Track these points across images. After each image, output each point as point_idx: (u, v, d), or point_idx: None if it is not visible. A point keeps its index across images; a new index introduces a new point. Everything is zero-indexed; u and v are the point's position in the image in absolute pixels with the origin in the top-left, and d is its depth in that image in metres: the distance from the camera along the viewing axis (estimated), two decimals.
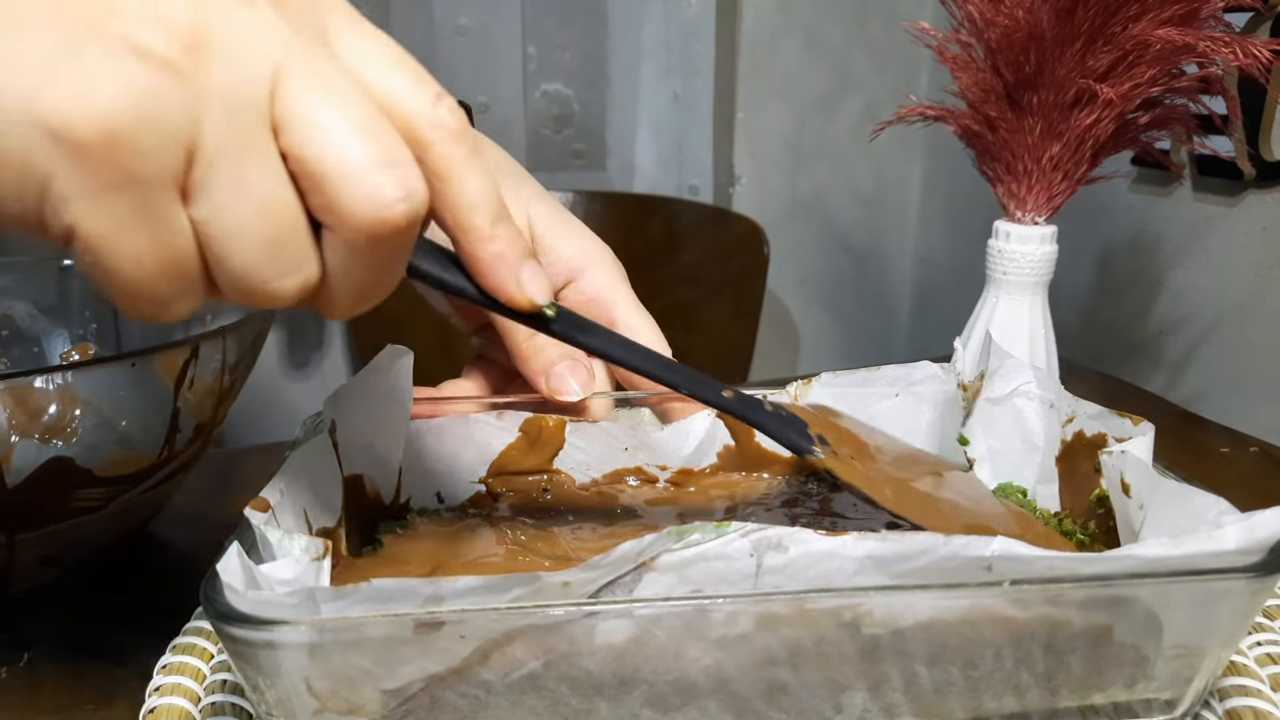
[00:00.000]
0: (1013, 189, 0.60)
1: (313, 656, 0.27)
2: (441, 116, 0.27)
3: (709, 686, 0.29)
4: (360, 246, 0.25)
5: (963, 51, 0.59)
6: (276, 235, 0.24)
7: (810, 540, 0.28)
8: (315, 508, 0.36)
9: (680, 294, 1.10)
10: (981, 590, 0.29)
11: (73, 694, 0.38)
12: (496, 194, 0.29)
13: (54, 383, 0.43)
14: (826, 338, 1.32)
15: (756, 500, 0.44)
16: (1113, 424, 0.40)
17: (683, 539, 0.28)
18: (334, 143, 0.24)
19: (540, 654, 0.28)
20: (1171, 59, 0.54)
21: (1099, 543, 0.40)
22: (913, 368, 0.47)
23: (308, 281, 0.25)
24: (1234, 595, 0.30)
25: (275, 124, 0.24)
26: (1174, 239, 0.86)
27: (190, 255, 0.24)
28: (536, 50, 1.19)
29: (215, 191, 0.23)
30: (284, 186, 0.24)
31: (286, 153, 0.24)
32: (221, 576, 0.27)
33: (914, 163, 1.28)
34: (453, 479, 0.44)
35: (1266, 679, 0.37)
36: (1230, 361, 0.81)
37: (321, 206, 0.25)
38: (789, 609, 0.28)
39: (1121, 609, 0.30)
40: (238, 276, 0.24)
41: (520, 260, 0.30)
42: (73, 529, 0.42)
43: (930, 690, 0.31)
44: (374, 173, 0.24)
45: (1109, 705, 0.32)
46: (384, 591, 0.26)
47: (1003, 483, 0.45)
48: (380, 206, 0.24)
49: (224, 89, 0.23)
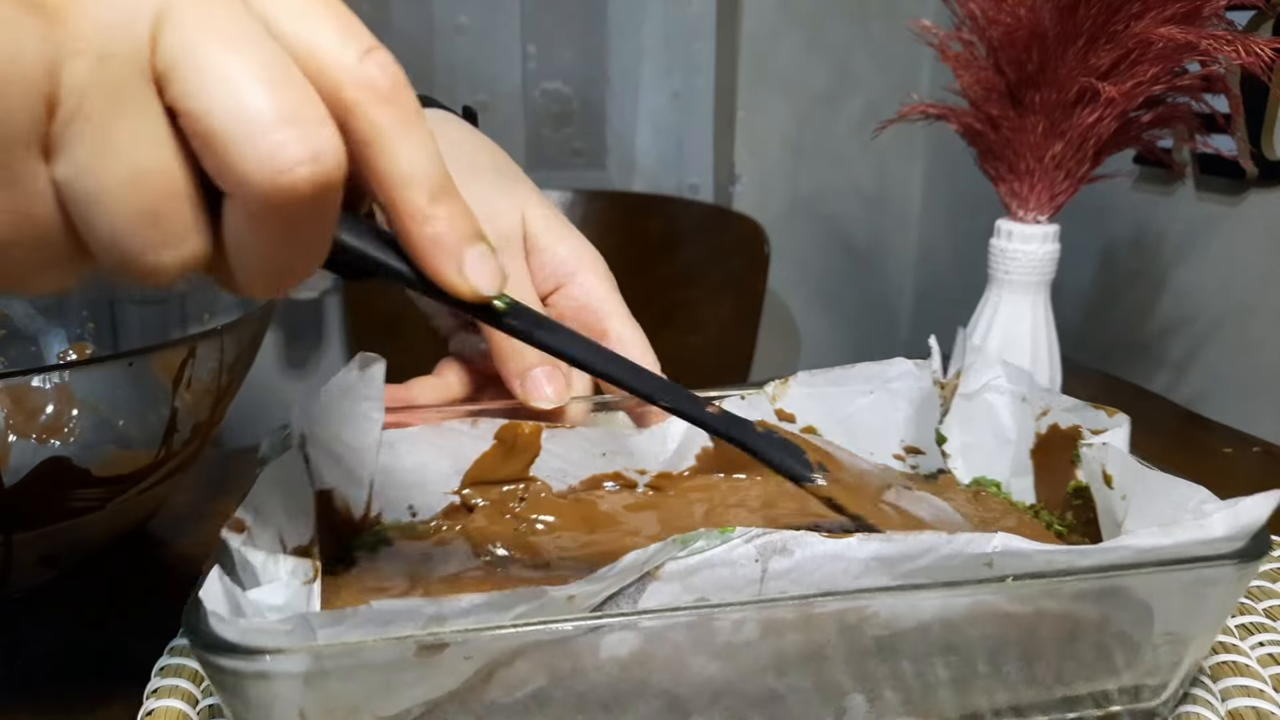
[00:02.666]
0: (1015, 188, 0.60)
1: (309, 685, 0.25)
2: (369, 74, 0.23)
3: (715, 694, 0.29)
4: (261, 217, 0.22)
5: (965, 50, 0.59)
6: (152, 203, 0.21)
7: (815, 543, 0.28)
8: (289, 526, 0.35)
9: (680, 294, 1.10)
10: (984, 587, 0.29)
11: (71, 695, 0.38)
12: (437, 166, 0.25)
13: (51, 382, 0.42)
14: (827, 337, 1.32)
15: (735, 503, 0.44)
16: (1088, 416, 0.41)
17: (687, 546, 0.28)
18: (226, 93, 0.21)
19: (545, 670, 0.27)
20: (1174, 57, 0.54)
21: (1077, 533, 0.41)
22: (887, 365, 0.47)
23: (192, 255, 0.22)
24: (1221, 581, 0.31)
25: (158, 74, 0.21)
26: (1176, 238, 0.86)
27: (53, 221, 0.21)
28: (536, 48, 1.19)
29: (77, 149, 0.20)
30: (163, 147, 0.21)
31: (173, 107, 0.21)
32: (205, 603, 0.25)
33: (916, 162, 1.28)
34: (426, 490, 0.42)
35: (1269, 679, 0.37)
36: (1233, 361, 0.81)
37: (214, 169, 0.21)
38: (795, 614, 0.28)
39: (1116, 599, 0.30)
40: (108, 246, 0.21)
41: (463, 243, 0.26)
42: (70, 529, 0.41)
43: (932, 688, 0.31)
44: (273, 129, 0.21)
45: (1099, 693, 0.33)
46: (384, 613, 0.25)
47: (977, 476, 0.45)
48: (279, 170, 0.21)
49: (93, 30, 0.20)
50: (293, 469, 0.36)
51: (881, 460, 0.47)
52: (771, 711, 0.30)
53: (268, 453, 0.37)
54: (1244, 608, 0.42)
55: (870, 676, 0.30)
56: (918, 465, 0.47)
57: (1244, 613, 0.42)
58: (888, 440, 0.47)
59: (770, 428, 0.37)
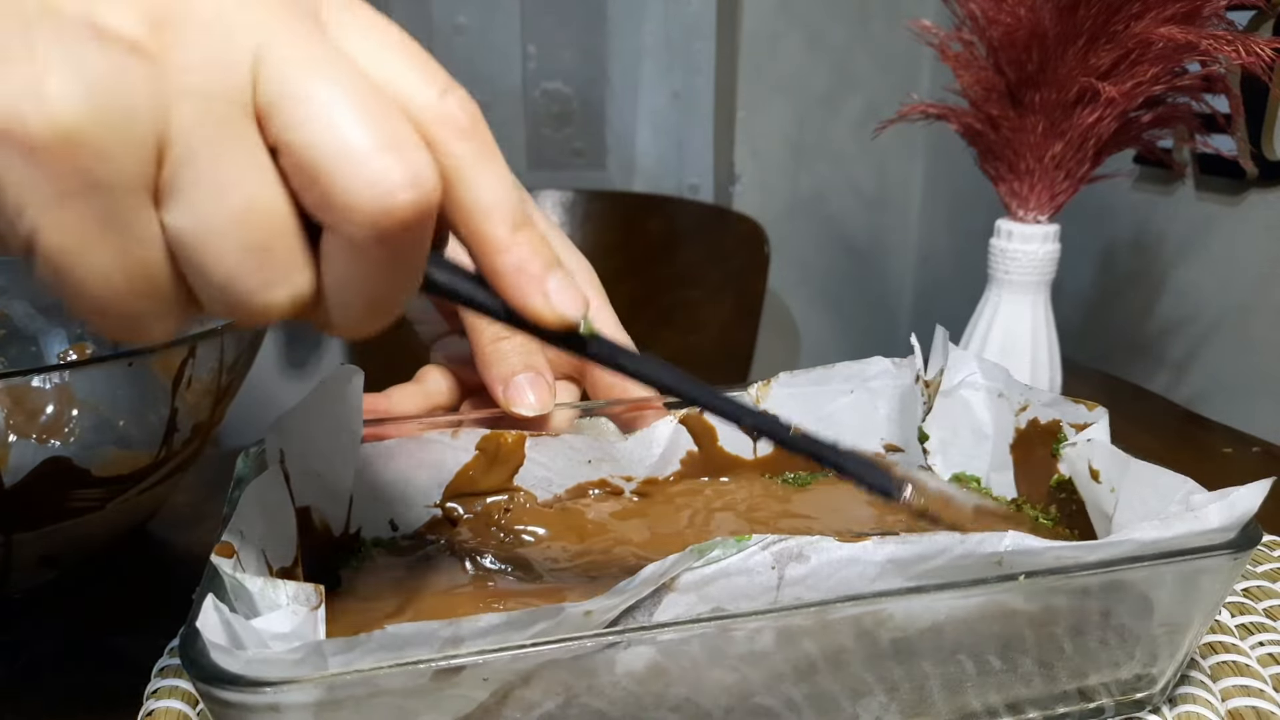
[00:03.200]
0: (1015, 188, 0.60)
1: (319, 716, 0.25)
2: (449, 109, 0.24)
3: (732, 703, 0.29)
4: (363, 246, 0.22)
5: (965, 50, 0.59)
6: (262, 239, 0.21)
7: (831, 548, 0.28)
8: (273, 547, 0.33)
9: (680, 294, 1.10)
10: (997, 586, 0.29)
11: (71, 696, 0.38)
12: (515, 196, 0.26)
13: (51, 382, 0.42)
14: (827, 337, 1.32)
15: (721, 506, 0.44)
16: (1067, 410, 0.41)
17: (704, 556, 0.28)
18: (328, 125, 0.21)
19: (563, 688, 0.27)
20: (1174, 57, 0.54)
21: (1062, 526, 0.41)
22: (867, 364, 0.47)
23: (299, 292, 0.23)
24: (1218, 571, 0.31)
25: (259, 111, 0.21)
26: (1176, 238, 0.86)
27: (163, 268, 0.21)
28: (536, 48, 1.19)
29: (189, 193, 0.21)
30: (269, 184, 0.21)
31: (274, 144, 0.21)
32: (204, 635, 0.24)
33: (916, 162, 1.28)
34: (407, 504, 0.41)
35: (1269, 679, 0.37)
36: (1233, 361, 0.81)
37: (318, 202, 0.22)
38: (813, 620, 0.28)
39: (1119, 592, 0.31)
40: (219, 288, 0.22)
41: (546, 272, 0.26)
42: (71, 529, 0.41)
43: (943, 687, 0.31)
44: (376, 156, 0.21)
45: (1100, 685, 0.33)
46: (399, 638, 0.24)
47: (956, 472, 0.46)
48: (384, 194, 0.21)
49: (198, 73, 0.20)
50: (274, 487, 0.35)
51: None
52: (789, 718, 0.30)
53: (244, 471, 0.36)
54: (1244, 607, 0.42)
55: (887, 678, 0.30)
56: (898, 463, 0.48)
57: (1244, 612, 0.42)
58: (869, 439, 0.47)
59: (852, 449, 0.36)
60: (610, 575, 0.37)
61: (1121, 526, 0.36)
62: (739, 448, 0.46)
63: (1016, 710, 0.33)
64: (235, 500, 0.33)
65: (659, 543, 0.41)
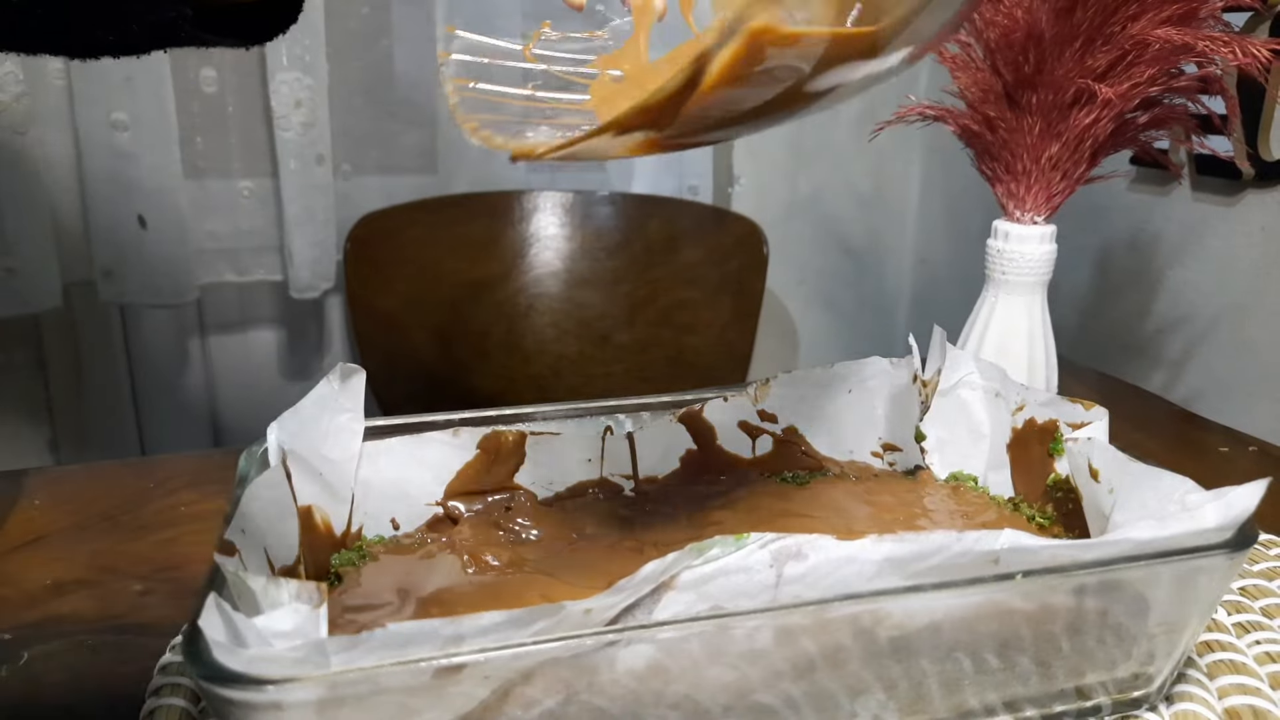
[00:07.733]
0: (1012, 188, 0.60)
1: (321, 714, 0.25)
2: None
3: (731, 701, 0.29)
4: None
5: (961, 51, 0.59)
6: None
7: (830, 546, 0.28)
8: (275, 546, 0.34)
9: (680, 294, 1.10)
10: (995, 585, 0.29)
11: (72, 694, 0.38)
12: None
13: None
14: (826, 338, 1.32)
15: (720, 505, 0.44)
16: (1064, 410, 0.41)
17: (703, 554, 0.28)
18: None
19: (563, 686, 0.27)
20: (1170, 59, 0.54)
21: (1058, 525, 0.41)
22: (864, 364, 0.47)
23: None
24: (1214, 570, 0.32)
25: None
26: (1173, 238, 0.86)
27: None
28: None
29: None
30: None
31: None
32: (206, 633, 0.24)
33: (913, 163, 1.28)
34: (408, 503, 0.42)
35: (1266, 677, 0.37)
36: (1229, 361, 0.81)
37: None
38: (811, 619, 0.28)
39: (1116, 591, 0.31)
40: None
41: None
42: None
43: (941, 685, 0.31)
44: None
45: (1097, 684, 0.33)
46: (400, 636, 0.24)
47: (954, 471, 0.46)
48: None
49: None
50: (276, 486, 0.35)
51: (860, 458, 0.48)
52: (787, 716, 0.30)
53: (246, 470, 0.36)
54: (1240, 606, 0.42)
55: (885, 676, 0.30)
56: (895, 462, 0.48)
57: (1240, 611, 0.42)
58: (867, 438, 0.47)
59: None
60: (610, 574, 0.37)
61: (1119, 526, 0.36)
62: (738, 447, 0.47)
63: (1014, 708, 0.33)
64: (238, 499, 0.33)
65: (659, 541, 0.41)
